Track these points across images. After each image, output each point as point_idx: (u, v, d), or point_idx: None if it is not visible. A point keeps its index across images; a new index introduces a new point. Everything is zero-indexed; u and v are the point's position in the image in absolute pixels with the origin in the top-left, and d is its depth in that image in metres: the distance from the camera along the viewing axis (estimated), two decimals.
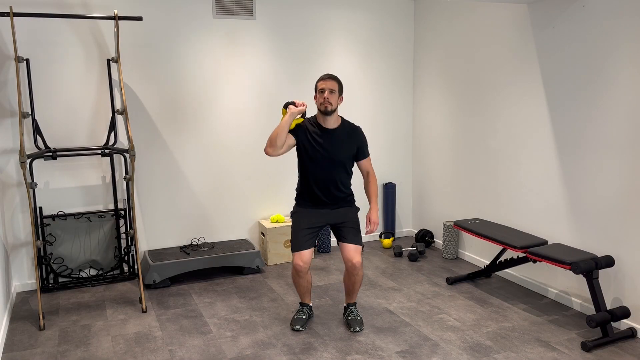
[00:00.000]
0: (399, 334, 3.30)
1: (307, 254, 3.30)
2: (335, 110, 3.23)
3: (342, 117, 3.36)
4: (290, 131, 3.26)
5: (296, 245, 3.31)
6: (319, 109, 3.24)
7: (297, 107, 3.19)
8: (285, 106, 3.22)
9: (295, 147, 3.33)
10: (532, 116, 3.90)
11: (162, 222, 4.53)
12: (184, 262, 4.18)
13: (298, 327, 3.39)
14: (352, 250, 3.28)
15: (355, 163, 3.41)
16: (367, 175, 3.42)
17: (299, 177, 3.41)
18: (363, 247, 3.63)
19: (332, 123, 3.28)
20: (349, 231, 3.33)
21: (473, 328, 3.37)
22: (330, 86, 3.19)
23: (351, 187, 3.43)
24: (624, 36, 3.17)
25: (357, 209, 3.44)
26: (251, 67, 4.65)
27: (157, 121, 4.40)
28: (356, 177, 3.79)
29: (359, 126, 3.39)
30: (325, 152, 3.25)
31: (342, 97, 3.28)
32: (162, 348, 3.15)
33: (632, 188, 3.20)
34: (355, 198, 3.48)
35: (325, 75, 3.25)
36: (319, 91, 3.22)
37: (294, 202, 4.88)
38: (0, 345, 3.12)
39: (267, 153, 3.19)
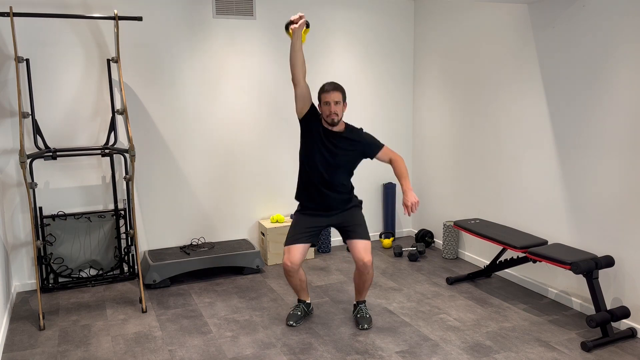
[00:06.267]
0: (399, 334, 3.30)
1: (298, 253, 3.30)
2: (341, 119, 3.25)
3: (345, 122, 3.36)
4: (309, 112, 3.24)
5: (289, 238, 3.34)
6: (325, 120, 3.24)
7: (297, 23, 3.04)
8: (287, 28, 3.11)
9: (302, 130, 3.29)
10: (532, 116, 3.90)
11: (162, 222, 4.53)
12: (184, 262, 4.18)
13: (292, 322, 3.42)
14: (362, 249, 3.28)
15: (375, 159, 3.39)
16: (391, 162, 3.34)
17: (299, 173, 3.38)
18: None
19: (336, 128, 3.29)
20: (355, 229, 3.33)
21: (473, 328, 3.37)
22: (335, 98, 3.17)
23: (351, 182, 3.41)
24: (624, 36, 3.17)
25: (361, 207, 3.44)
26: (251, 67, 4.65)
27: (157, 121, 4.40)
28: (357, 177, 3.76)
29: (360, 128, 3.38)
30: (329, 154, 3.25)
31: (346, 103, 3.29)
32: (162, 348, 3.15)
33: (632, 188, 3.20)
34: (355, 193, 3.48)
35: (327, 86, 3.21)
36: (323, 103, 3.20)
37: (293, 202, 4.94)
38: (0, 345, 3.12)
39: (292, 80, 3.16)
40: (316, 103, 3.33)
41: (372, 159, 3.38)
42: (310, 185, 3.33)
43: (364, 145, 3.33)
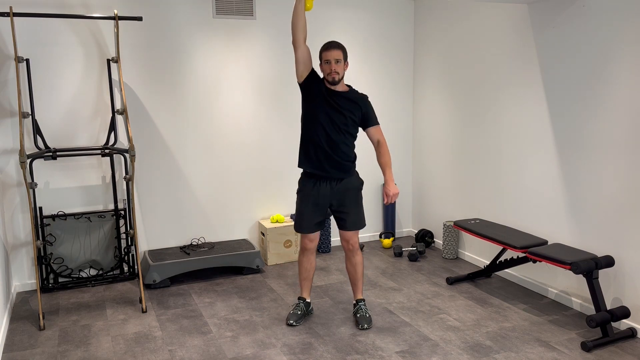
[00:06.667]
0: (399, 334, 3.30)
1: (313, 236, 3.39)
2: (342, 78, 3.23)
3: (349, 85, 3.34)
4: (310, 76, 3.23)
5: (301, 226, 3.36)
6: (326, 79, 3.22)
7: None
8: None
9: (303, 94, 3.27)
10: (532, 116, 3.90)
11: (162, 222, 4.53)
12: (184, 262, 4.18)
13: (292, 322, 3.43)
14: (350, 233, 3.37)
15: (365, 131, 3.37)
16: (377, 145, 3.33)
17: (301, 137, 3.35)
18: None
19: (339, 88, 3.27)
20: (349, 217, 3.35)
21: (473, 328, 3.38)
22: (335, 56, 3.15)
23: (354, 149, 3.37)
24: (624, 36, 3.17)
25: (361, 189, 3.41)
26: (251, 68, 4.65)
27: (157, 121, 4.40)
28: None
29: (366, 95, 3.35)
30: (333, 112, 3.22)
31: (348, 63, 3.26)
32: (162, 348, 3.15)
33: (632, 188, 3.20)
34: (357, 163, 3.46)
35: (328, 44, 3.19)
36: (324, 62, 3.19)
37: (293, 202, 4.94)
38: (0, 345, 3.12)
39: (293, 43, 3.15)
40: (317, 65, 3.30)
41: (364, 129, 3.35)
42: (314, 148, 3.27)
43: (363, 112, 3.30)
